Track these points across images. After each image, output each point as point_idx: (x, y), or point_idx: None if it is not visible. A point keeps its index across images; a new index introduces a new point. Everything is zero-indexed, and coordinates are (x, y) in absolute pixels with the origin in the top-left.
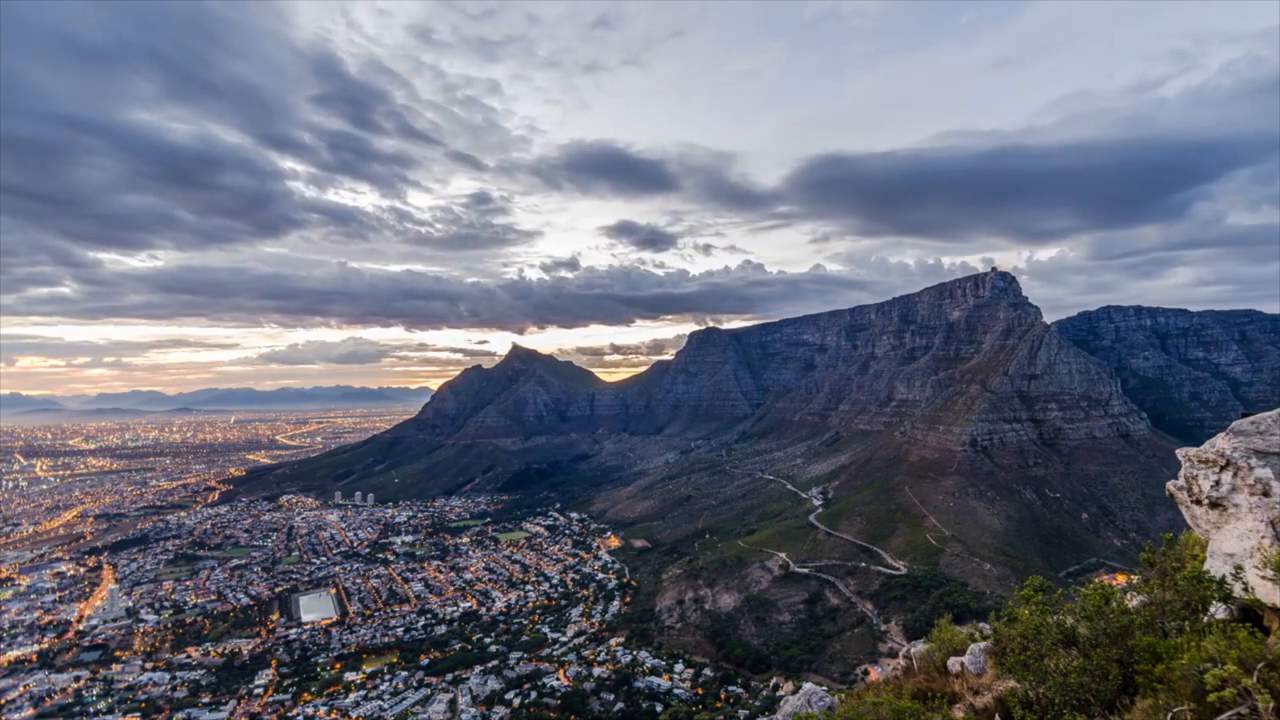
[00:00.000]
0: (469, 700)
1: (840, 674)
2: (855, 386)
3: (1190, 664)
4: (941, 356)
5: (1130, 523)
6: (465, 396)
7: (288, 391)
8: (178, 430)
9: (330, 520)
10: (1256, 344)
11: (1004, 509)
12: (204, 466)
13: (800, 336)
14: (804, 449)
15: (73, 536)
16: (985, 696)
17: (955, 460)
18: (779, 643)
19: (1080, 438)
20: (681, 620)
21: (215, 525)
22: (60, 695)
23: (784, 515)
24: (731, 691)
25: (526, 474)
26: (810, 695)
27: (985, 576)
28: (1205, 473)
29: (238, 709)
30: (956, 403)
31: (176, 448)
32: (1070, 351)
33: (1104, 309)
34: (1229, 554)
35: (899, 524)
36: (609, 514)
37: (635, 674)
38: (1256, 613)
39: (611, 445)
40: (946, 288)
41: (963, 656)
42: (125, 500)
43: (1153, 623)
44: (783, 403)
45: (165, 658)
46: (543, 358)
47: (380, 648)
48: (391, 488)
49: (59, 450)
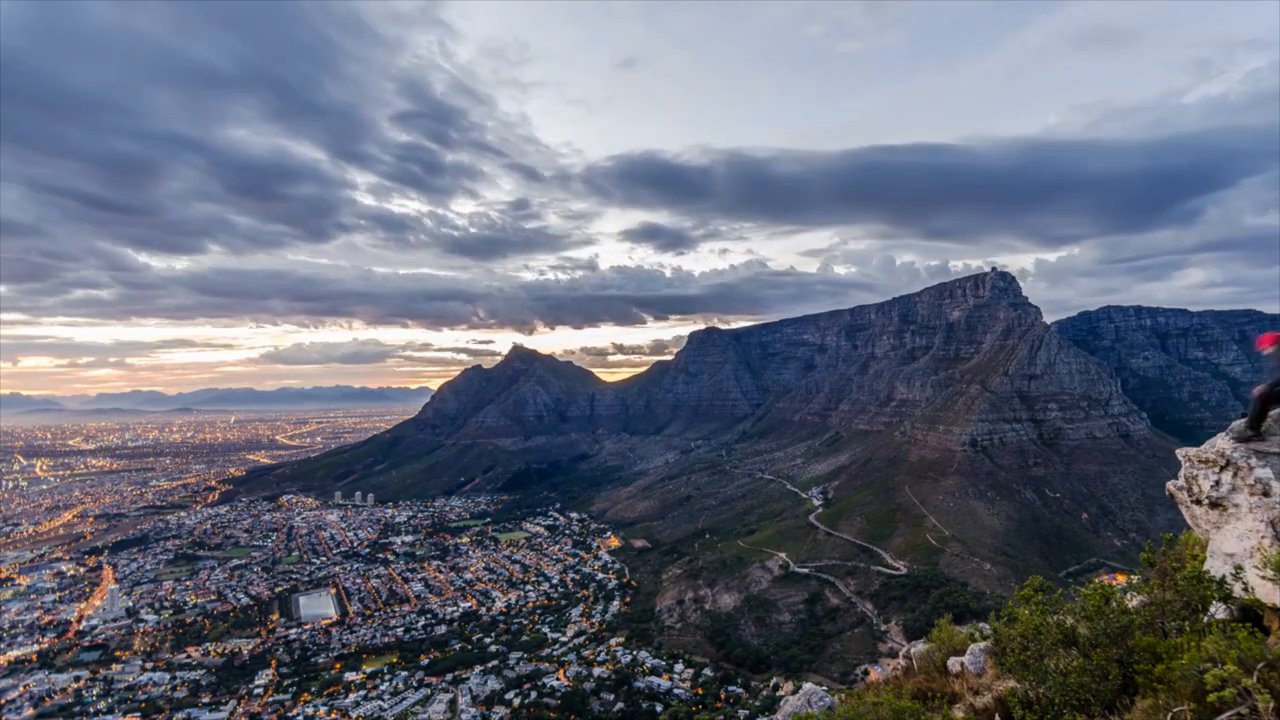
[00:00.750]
0: (469, 700)
1: (840, 674)
2: (855, 386)
3: (1190, 664)
4: (941, 356)
5: (1130, 523)
6: (465, 396)
7: (288, 391)
8: (178, 430)
9: (330, 520)
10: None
11: (1004, 509)
12: (204, 466)
13: (800, 336)
14: (804, 449)
15: (73, 536)
16: (985, 696)
17: (955, 460)
18: (779, 643)
19: (1080, 438)
20: (681, 620)
21: (215, 525)
22: (60, 695)
23: (784, 515)
24: (731, 691)
25: (526, 474)
26: (810, 695)
27: (985, 576)
28: (1205, 473)
29: (238, 709)
30: (956, 403)
31: (176, 448)
32: (1070, 351)
33: (1104, 309)
34: (1229, 554)
35: (899, 524)
36: (609, 514)
37: (635, 674)
38: (1256, 613)
39: (611, 445)
40: (946, 288)
41: (963, 656)
42: (125, 500)
43: (1153, 623)
44: (783, 403)
45: (165, 658)
46: (543, 358)
47: (380, 648)
48: (391, 488)
49: (59, 450)
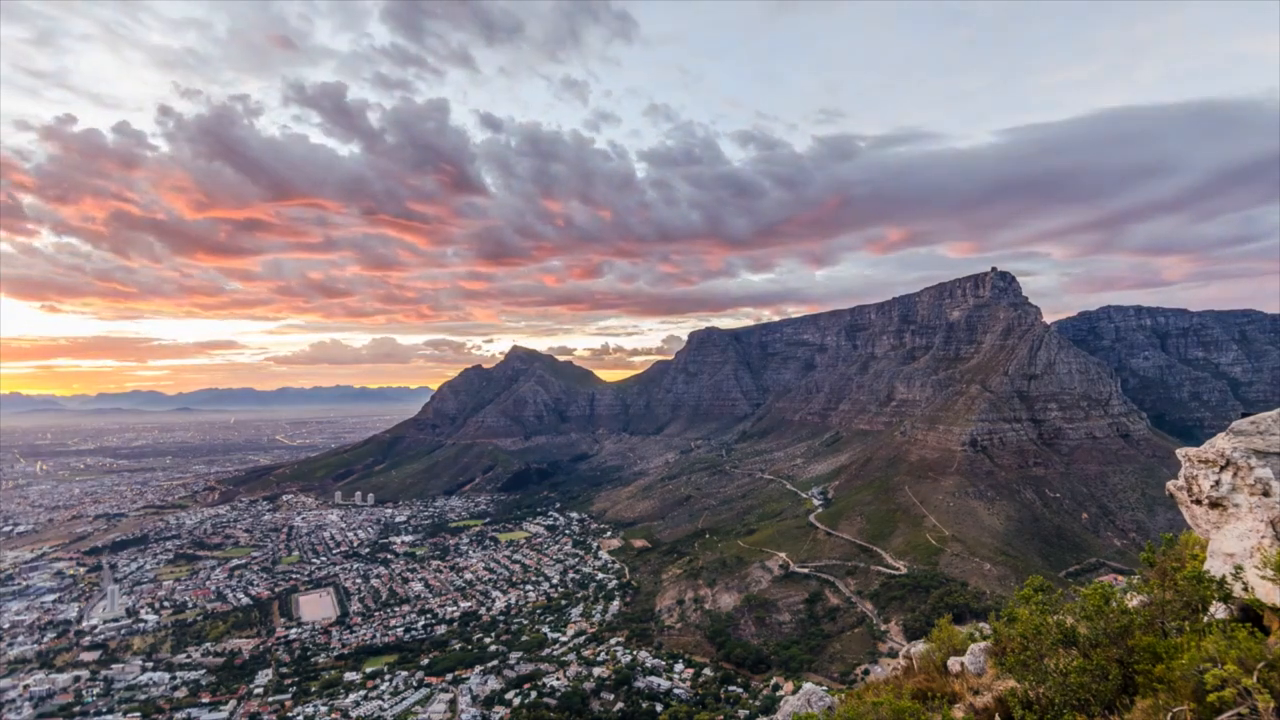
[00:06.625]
0: (469, 700)
1: (840, 674)
2: (855, 386)
3: (1190, 664)
4: (941, 356)
5: (1130, 523)
6: (465, 396)
7: (288, 391)
8: (178, 430)
9: (330, 520)
10: (1256, 344)
11: (1004, 509)
12: (204, 466)
13: (800, 336)
14: (804, 449)
15: (73, 536)
16: (985, 696)
17: (955, 460)
18: (779, 643)
19: (1080, 437)
20: (681, 620)
21: (215, 525)
22: (60, 695)
23: (784, 515)
24: (731, 691)
25: (526, 474)
26: (810, 695)
27: (985, 576)
28: (1205, 473)
29: (238, 709)
30: (956, 402)
31: (176, 448)
32: (1070, 351)
33: (1104, 309)
34: (1229, 554)
35: (899, 524)
36: (609, 514)
37: (635, 674)
38: (1256, 613)
39: (611, 445)
40: (946, 287)
41: (963, 656)
42: (125, 500)
43: (1153, 623)
44: (783, 402)
45: (165, 658)
46: (543, 357)
47: (380, 648)
48: (391, 488)
49: (59, 450)
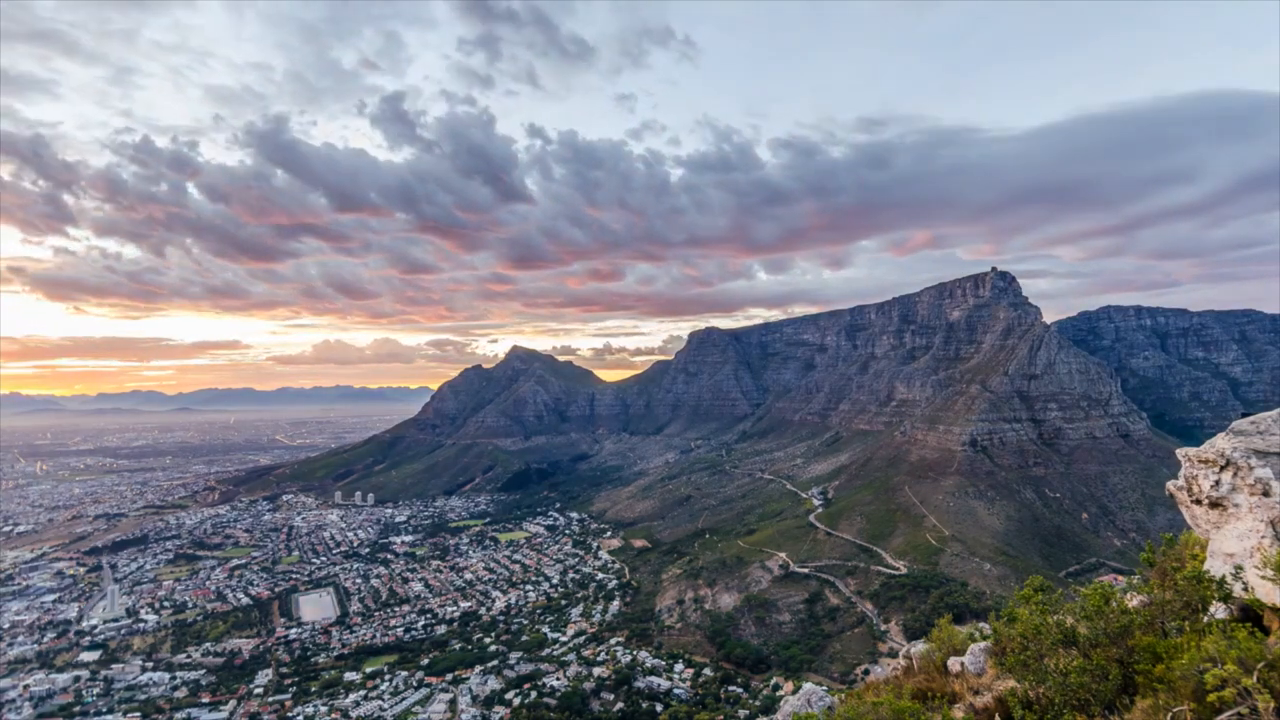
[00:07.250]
0: (469, 700)
1: (840, 674)
2: (855, 386)
3: (1190, 664)
4: (941, 356)
5: (1130, 523)
6: (465, 396)
7: (288, 391)
8: (178, 430)
9: (330, 520)
10: (1256, 344)
11: (1004, 509)
12: (204, 466)
13: (800, 336)
14: (804, 449)
15: (73, 536)
16: (985, 696)
17: (955, 460)
18: (779, 643)
19: (1080, 437)
20: (681, 620)
21: (215, 525)
22: (60, 695)
23: (784, 515)
24: (731, 691)
25: (526, 474)
26: (810, 695)
27: (985, 576)
28: (1205, 473)
29: (238, 709)
30: (956, 402)
31: (176, 448)
32: (1070, 351)
33: (1104, 309)
34: (1229, 554)
35: (899, 524)
36: (609, 514)
37: (635, 674)
38: (1256, 613)
39: (611, 445)
40: (946, 287)
41: (963, 656)
42: (125, 500)
43: (1153, 623)
44: (783, 403)
45: (165, 658)
46: (542, 357)
47: (380, 648)
48: (391, 488)
49: (59, 450)
